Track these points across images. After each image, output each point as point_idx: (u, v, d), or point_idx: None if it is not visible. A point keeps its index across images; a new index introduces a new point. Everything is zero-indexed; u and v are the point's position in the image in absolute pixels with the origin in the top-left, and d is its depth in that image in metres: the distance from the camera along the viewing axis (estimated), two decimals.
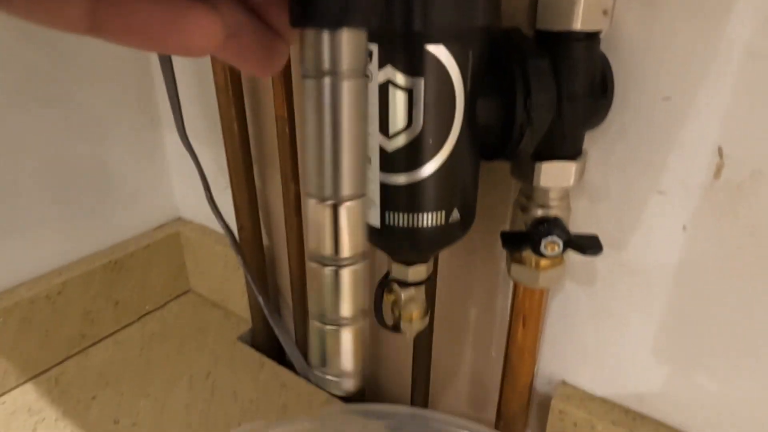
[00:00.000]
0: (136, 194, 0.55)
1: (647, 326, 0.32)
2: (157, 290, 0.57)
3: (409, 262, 0.28)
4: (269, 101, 0.42)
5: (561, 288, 0.34)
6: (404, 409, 0.34)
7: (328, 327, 0.13)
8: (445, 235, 0.26)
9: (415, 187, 0.24)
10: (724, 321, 0.29)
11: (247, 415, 0.43)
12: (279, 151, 0.41)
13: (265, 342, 0.53)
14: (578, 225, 0.31)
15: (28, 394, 0.45)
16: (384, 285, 0.30)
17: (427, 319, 0.32)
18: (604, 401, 0.35)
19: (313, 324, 0.13)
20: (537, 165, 0.26)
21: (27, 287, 0.46)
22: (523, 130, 0.24)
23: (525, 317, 0.32)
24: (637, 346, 0.32)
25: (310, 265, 0.13)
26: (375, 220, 0.25)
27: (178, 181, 0.57)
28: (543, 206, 0.28)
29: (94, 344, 0.52)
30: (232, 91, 0.41)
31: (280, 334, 0.49)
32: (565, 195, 0.28)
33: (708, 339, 0.30)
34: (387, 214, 0.25)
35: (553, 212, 0.28)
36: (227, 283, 0.55)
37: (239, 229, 0.48)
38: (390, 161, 0.24)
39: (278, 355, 0.52)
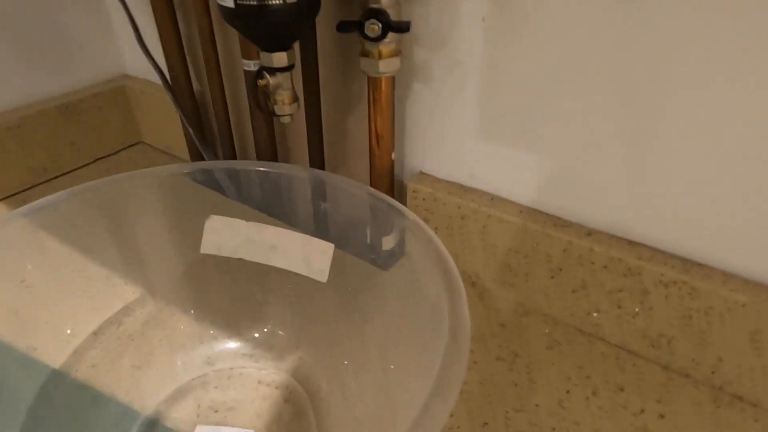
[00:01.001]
0: (84, 49, 0.61)
1: (472, 112, 0.40)
2: (110, 138, 0.65)
3: (271, 49, 0.36)
4: None
5: (410, 90, 0.42)
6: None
7: None
8: (292, 16, 0.34)
9: None
10: (523, 99, 0.37)
11: None
12: None
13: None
14: (410, 18, 0.39)
15: None
16: (256, 73, 0.38)
17: (296, 105, 0.40)
18: (447, 182, 0.44)
19: None
20: None
21: None
22: None
23: (375, 104, 0.40)
24: (467, 130, 0.41)
25: None
26: (230, 1, 0.33)
27: (126, 41, 0.64)
28: (375, 2, 0.35)
29: (56, 177, 0.61)
30: None
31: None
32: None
33: (515, 116, 0.38)
34: None
35: (383, 4, 0.35)
36: (171, 131, 0.63)
37: (170, 69, 0.55)
38: None
39: None
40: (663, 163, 0.33)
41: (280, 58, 0.37)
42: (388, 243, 0.41)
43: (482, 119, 0.40)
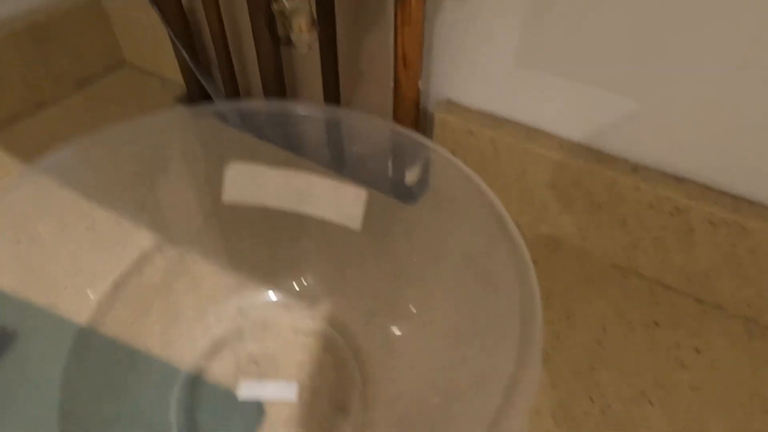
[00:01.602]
0: None
1: (511, 36, 0.36)
2: (93, 60, 0.58)
3: None
4: None
5: (440, 12, 0.37)
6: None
7: None
8: None
9: None
10: (571, 26, 0.33)
11: None
12: None
13: (200, 100, 0.57)
14: None
15: None
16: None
17: (315, 32, 0.35)
18: (479, 112, 0.41)
19: None
20: None
21: None
22: None
23: (404, 22, 0.36)
24: (504, 56, 0.37)
25: None
26: None
27: None
28: None
29: (40, 109, 0.55)
30: None
31: (210, 90, 0.53)
32: None
33: (560, 43, 0.34)
34: None
35: None
36: (159, 51, 0.57)
37: None
38: None
39: None
40: (719, 101, 0.31)
41: None
42: (411, 177, 0.39)
43: (525, 40, 0.36)
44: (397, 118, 0.42)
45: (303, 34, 0.34)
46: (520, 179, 0.40)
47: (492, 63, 0.38)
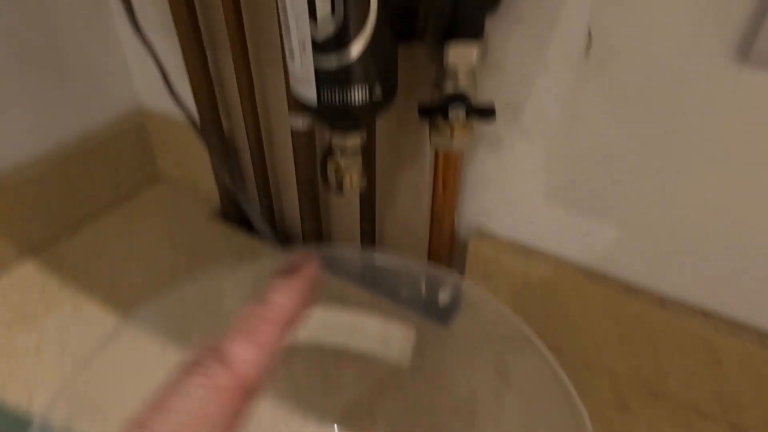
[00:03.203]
0: (97, 85, 0.57)
1: (540, 178, 0.39)
2: (129, 177, 0.62)
3: (345, 132, 0.35)
4: None
5: (474, 154, 0.41)
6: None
7: None
8: (371, 107, 0.32)
9: (343, 68, 0.30)
10: (597, 170, 0.37)
11: None
12: (229, 38, 0.44)
13: (234, 216, 0.60)
14: (484, 94, 0.37)
15: (29, 269, 0.52)
16: (327, 154, 0.37)
17: (364, 181, 0.39)
18: (509, 242, 0.44)
19: None
20: (445, 46, 0.32)
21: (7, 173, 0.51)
22: (427, 13, 0.29)
23: (444, 179, 0.40)
24: (534, 195, 0.41)
25: None
26: (312, 99, 0.31)
27: (137, 72, 0.60)
28: (453, 81, 0.34)
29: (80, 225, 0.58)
30: None
31: (246, 208, 0.56)
32: (471, 72, 0.34)
33: (587, 185, 0.38)
34: (322, 92, 0.31)
35: (461, 85, 0.34)
36: (195, 168, 0.61)
37: (199, 114, 0.52)
38: (320, 47, 0.29)
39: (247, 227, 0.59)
40: (744, 242, 0.34)
41: (353, 140, 0.35)
42: (444, 299, 0.41)
43: (551, 185, 0.39)
44: (432, 244, 0.45)
45: (354, 184, 0.38)
46: (550, 305, 0.43)
47: (519, 200, 0.41)
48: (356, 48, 0.29)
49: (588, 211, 0.39)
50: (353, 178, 0.38)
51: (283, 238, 0.59)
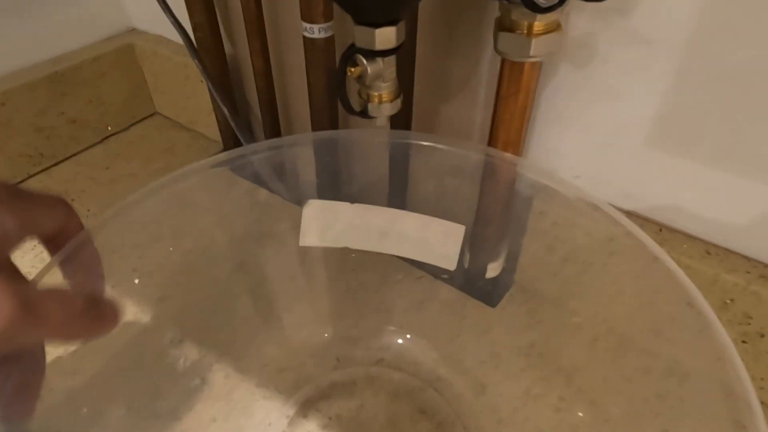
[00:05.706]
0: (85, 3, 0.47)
1: (646, 110, 0.28)
2: (117, 110, 0.52)
3: (376, 23, 0.24)
4: None
5: (554, 71, 0.30)
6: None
7: None
8: None
9: None
10: (729, 104, 0.25)
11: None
12: None
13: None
14: None
15: None
16: (347, 58, 0.26)
17: (399, 103, 0.28)
18: (590, 202, 0.33)
19: None
20: None
21: None
22: None
23: (510, 100, 0.28)
24: (632, 133, 0.29)
25: None
26: None
27: None
28: None
29: (56, 164, 0.49)
30: None
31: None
32: None
33: (707, 125, 0.26)
34: None
35: None
36: (192, 101, 0.51)
37: (194, 29, 0.42)
38: None
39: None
40: None
41: (386, 37, 0.24)
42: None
43: (665, 118, 0.28)
44: (482, 200, 0.34)
45: (384, 105, 0.27)
46: (641, 291, 0.32)
47: (613, 142, 0.30)
48: None
49: (718, 160, 0.27)
50: (383, 98, 0.27)
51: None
